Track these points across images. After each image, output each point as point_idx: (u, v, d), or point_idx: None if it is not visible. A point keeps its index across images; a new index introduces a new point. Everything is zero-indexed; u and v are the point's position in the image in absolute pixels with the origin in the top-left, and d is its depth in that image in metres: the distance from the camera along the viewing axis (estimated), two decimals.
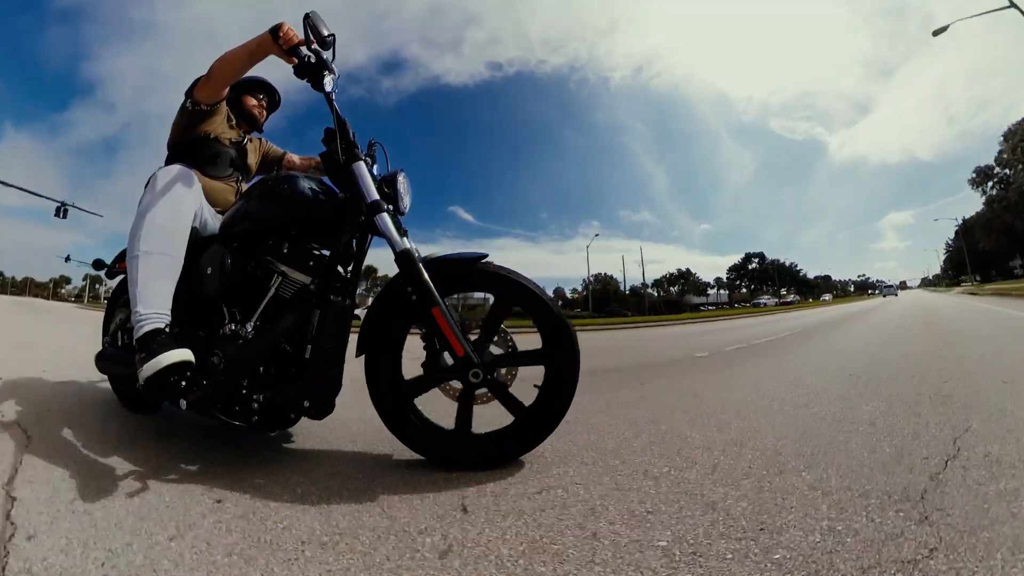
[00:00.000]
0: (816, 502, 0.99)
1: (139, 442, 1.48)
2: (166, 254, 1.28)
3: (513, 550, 0.85)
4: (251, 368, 1.28)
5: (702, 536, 0.87)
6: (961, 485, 1.04)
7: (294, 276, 1.30)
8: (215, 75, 1.52)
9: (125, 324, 1.71)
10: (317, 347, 1.26)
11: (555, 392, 1.28)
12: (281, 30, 1.35)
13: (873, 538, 0.83)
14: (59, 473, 1.18)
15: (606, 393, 2.33)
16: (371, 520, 0.97)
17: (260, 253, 1.33)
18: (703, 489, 1.08)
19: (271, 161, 2.00)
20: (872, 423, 1.59)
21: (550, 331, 1.29)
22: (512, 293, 1.30)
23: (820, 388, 2.26)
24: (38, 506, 1.00)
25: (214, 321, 1.34)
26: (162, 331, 1.20)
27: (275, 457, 1.41)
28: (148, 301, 1.22)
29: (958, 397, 1.91)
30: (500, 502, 1.05)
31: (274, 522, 0.97)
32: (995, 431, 1.43)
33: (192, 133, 1.64)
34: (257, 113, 1.87)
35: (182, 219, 1.34)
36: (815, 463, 1.22)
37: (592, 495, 1.07)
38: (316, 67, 1.37)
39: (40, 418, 1.68)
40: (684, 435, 1.55)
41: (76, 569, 0.79)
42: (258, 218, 1.37)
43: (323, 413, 1.30)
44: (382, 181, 1.38)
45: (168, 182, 1.36)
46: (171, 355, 1.13)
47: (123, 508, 1.01)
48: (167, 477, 1.20)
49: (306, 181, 1.38)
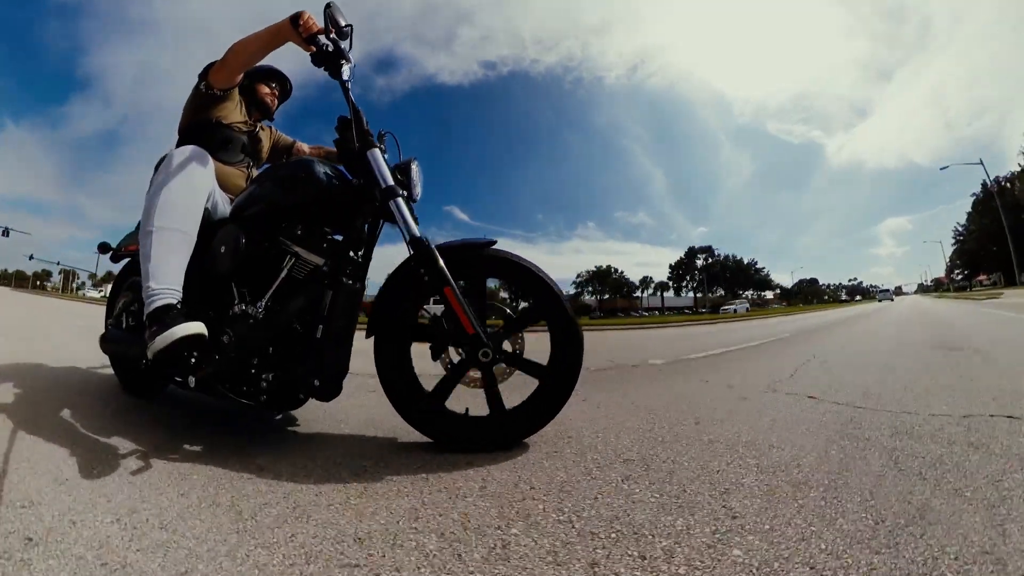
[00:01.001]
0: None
1: (138, 426, 1.48)
2: (179, 230, 1.29)
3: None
4: (261, 347, 1.29)
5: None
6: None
7: (307, 257, 1.31)
8: (230, 60, 1.54)
9: (129, 307, 1.70)
10: (328, 328, 1.27)
11: (542, 402, 1.32)
12: (302, 18, 1.38)
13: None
14: (58, 453, 1.18)
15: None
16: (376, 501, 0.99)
17: (274, 234, 1.35)
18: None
19: (281, 149, 2.02)
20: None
21: (551, 315, 1.33)
22: (518, 278, 1.33)
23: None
24: (33, 481, 1.01)
25: (225, 300, 1.35)
26: (174, 306, 1.20)
27: (278, 440, 1.41)
28: (160, 276, 1.23)
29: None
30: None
31: (263, 504, 0.97)
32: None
33: (204, 117, 1.66)
34: (269, 101, 1.89)
35: (196, 197, 1.35)
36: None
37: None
38: (334, 56, 1.40)
39: (37, 402, 1.67)
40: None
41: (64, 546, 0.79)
42: (273, 200, 1.38)
43: (331, 394, 1.30)
44: (395, 168, 1.41)
45: (183, 161, 1.37)
46: (185, 327, 1.13)
47: (118, 487, 1.01)
48: (166, 457, 1.20)
49: (321, 166, 1.40)
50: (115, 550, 0.76)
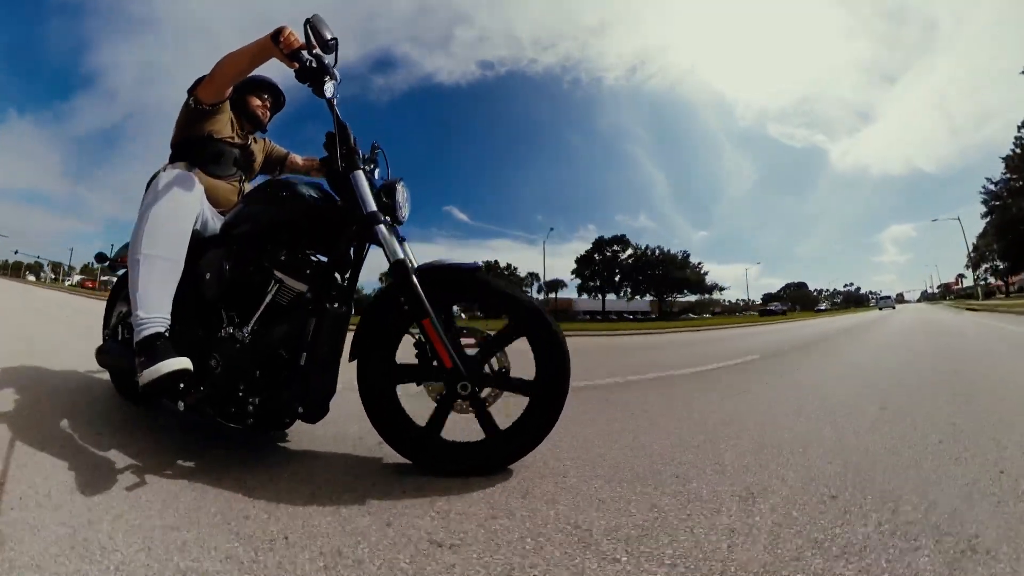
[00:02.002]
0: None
1: (136, 433, 1.51)
2: (167, 258, 1.30)
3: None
4: (247, 372, 1.30)
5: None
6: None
7: (290, 284, 1.31)
8: (217, 76, 1.53)
9: (126, 319, 1.73)
10: (312, 354, 1.28)
11: (535, 418, 1.28)
12: (282, 35, 1.35)
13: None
14: (54, 461, 1.22)
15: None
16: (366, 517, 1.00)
17: (259, 258, 1.35)
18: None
19: (274, 161, 2.01)
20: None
21: (541, 346, 1.28)
22: (503, 306, 1.30)
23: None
24: (29, 490, 1.04)
25: (213, 322, 1.36)
26: (162, 335, 1.22)
27: (271, 452, 1.43)
28: (148, 305, 1.24)
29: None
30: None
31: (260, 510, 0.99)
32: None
33: (195, 132, 1.66)
34: (261, 113, 1.88)
35: (183, 222, 1.35)
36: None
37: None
38: (317, 72, 1.36)
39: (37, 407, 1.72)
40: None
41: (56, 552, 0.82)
42: (258, 221, 1.39)
43: (316, 417, 1.32)
44: (381, 190, 1.39)
45: (169, 183, 1.37)
46: (170, 363, 1.16)
47: (115, 496, 1.04)
48: (162, 469, 1.23)
49: (306, 187, 1.39)
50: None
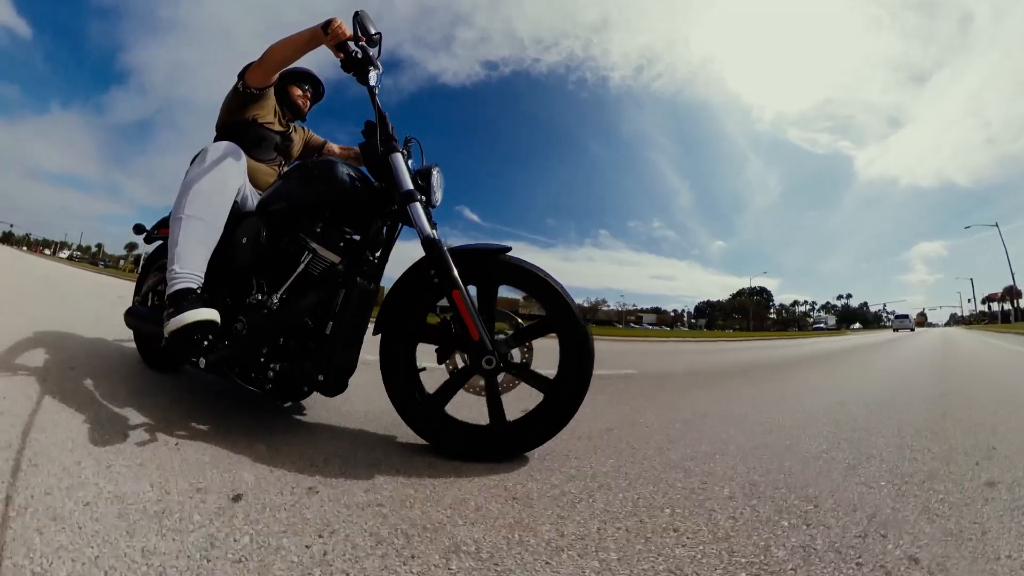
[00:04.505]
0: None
1: (156, 397, 1.54)
2: (207, 221, 1.35)
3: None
4: (272, 338, 1.33)
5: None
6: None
7: (324, 254, 1.35)
8: (266, 61, 1.61)
9: (156, 287, 1.79)
10: (338, 325, 1.31)
11: (544, 419, 1.29)
12: (332, 25, 1.42)
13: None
14: (76, 420, 1.24)
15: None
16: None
17: (294, 230, 1.39)
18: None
19: (312, 149, 2.09)
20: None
21: (563, 326, 1.30)
22: (530, 287, 1.31)
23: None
24: (51, 449, 1.06)
25: (242, 290, 1.40)
26: (193, 291, 1.26)
27: (286, 424, 1.45)
28: (184, 261, 1.29)
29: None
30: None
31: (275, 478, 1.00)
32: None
33: (240, 115, 1.74)
34: (301, 103, 1.97)
35: (226, 191, 1.41)
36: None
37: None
38: (362, 62, 1.43)
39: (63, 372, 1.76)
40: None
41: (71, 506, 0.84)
42: (296, 197, 1.44)
43: (336, 390, 1.34)
44: (417, 174, 1.44)
45: (217, 157, 1.44)
46: (198, 312, 1.19)
47: (132, 456, 1.06)
48: (178, 431, 1.25)
49: (344, 167, 1.44)
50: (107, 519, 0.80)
